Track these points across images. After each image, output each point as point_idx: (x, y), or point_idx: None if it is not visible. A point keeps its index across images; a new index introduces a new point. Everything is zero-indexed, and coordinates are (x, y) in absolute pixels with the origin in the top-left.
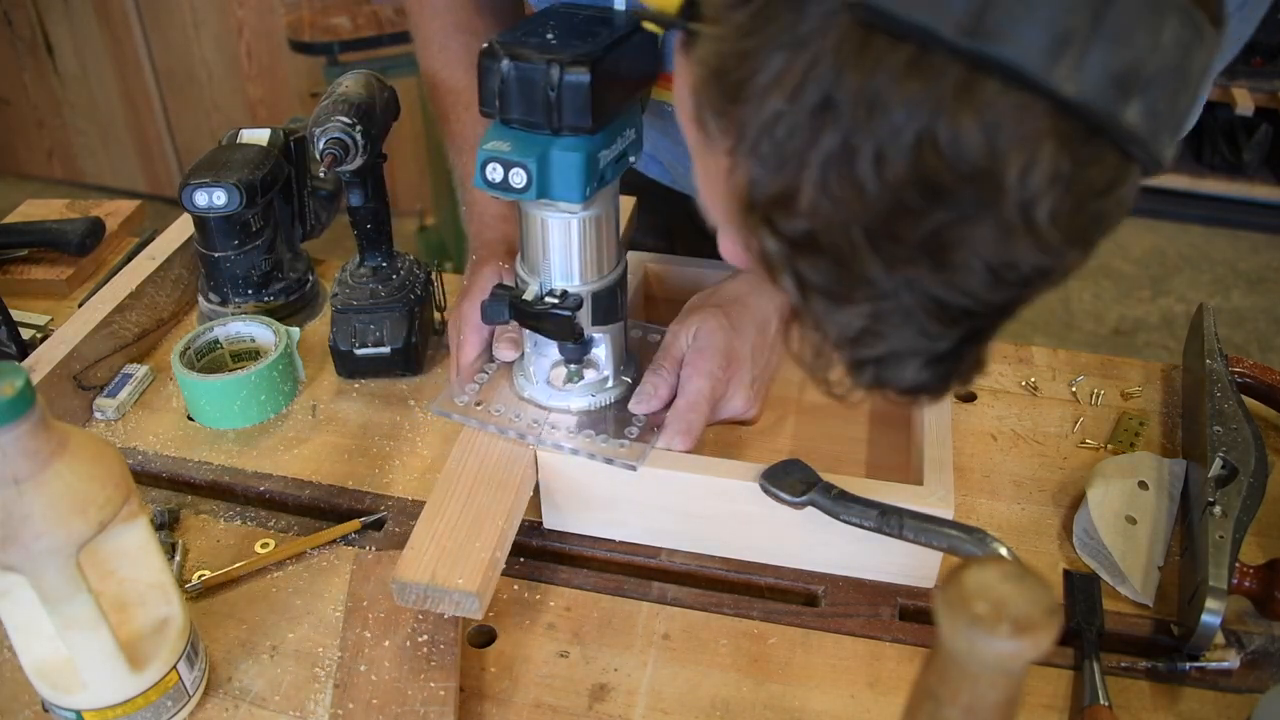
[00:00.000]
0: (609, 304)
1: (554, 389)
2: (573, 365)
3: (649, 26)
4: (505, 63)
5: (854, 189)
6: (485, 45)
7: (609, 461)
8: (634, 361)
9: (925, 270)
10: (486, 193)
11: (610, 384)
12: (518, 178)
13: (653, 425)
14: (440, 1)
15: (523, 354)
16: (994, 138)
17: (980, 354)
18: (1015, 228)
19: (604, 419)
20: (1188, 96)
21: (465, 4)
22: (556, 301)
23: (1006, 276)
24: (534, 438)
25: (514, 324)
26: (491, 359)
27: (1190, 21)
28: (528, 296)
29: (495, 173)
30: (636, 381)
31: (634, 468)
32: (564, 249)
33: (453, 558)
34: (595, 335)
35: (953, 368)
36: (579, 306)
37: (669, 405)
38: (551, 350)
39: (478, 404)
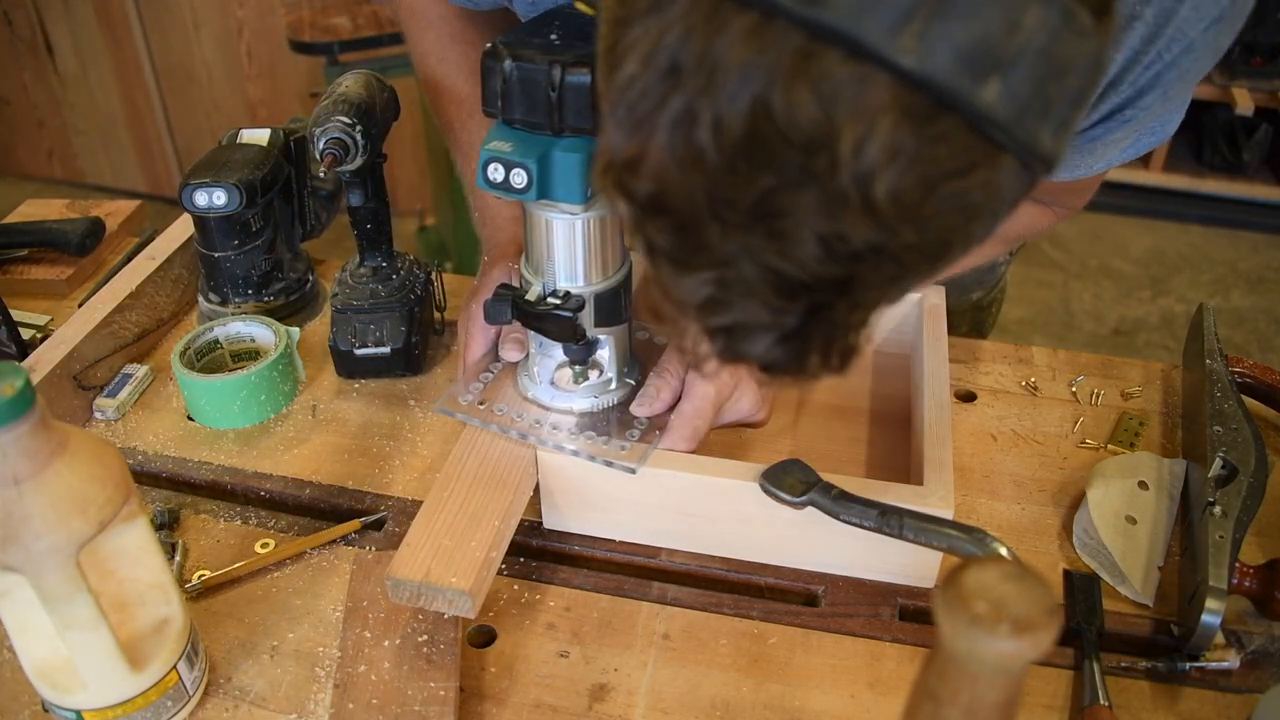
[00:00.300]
0: (612, 305)
1: (557, 390)
2: (578, 366)
3: (581, 7)
4: (508, 63)
5: (694, 153)
6: (489, 45)
7: (609, 464)
8: (638, 363)
9: (760, 239)
10: (488, 193)
11: (614, 386)
12: (519, 178)
13: (655, 428)
14: (434, 13)
15: (528, 354)
16: (829, 108)
17: (842, 337)
18: (849, 199)
19: (606, 421)
20: (1063, 86)
21: (459, 14)
22: (559, 302)
23: (837, 249)
24: (535, 438)
25: (519, 324)
26: (498, 358)
27: (1059, 7)
28: (530, 297)
29: (496, 173)
30: (640, 384)
31: (634, 470)
32: (567, 249)
33: (448, 556)
34: (600, 336)
35: (805, 346)
36: (581, 308)
37: (672, 408)
38: (556, 351)
39: (481, 403)
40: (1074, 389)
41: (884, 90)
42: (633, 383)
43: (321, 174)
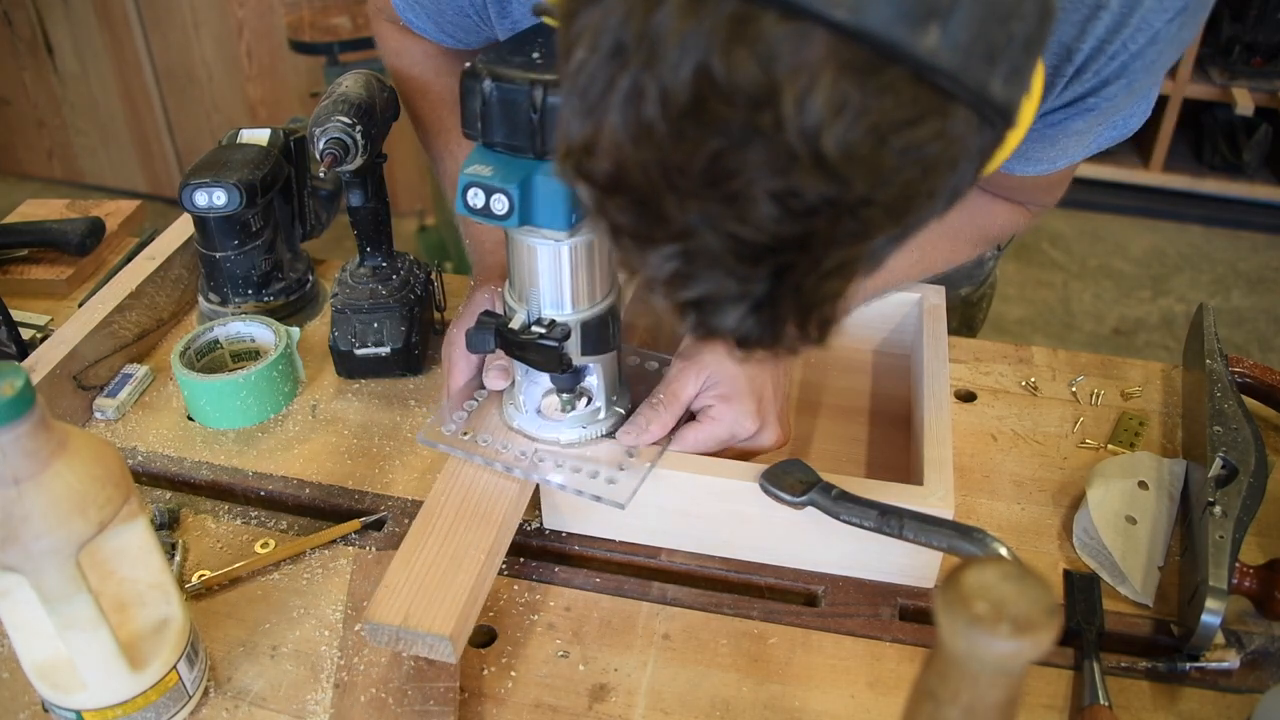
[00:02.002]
0: (600, 333)
1: (543, 419)
2: (565, 395)
3: (548, 21)
4: (487, 83)
5: (645, 127)
6: (468, 65)
7: (596, 499)
8: (628, 390)
9: (716, 204)
10: (469, 218)
11: (602, 414)
12: (499, 204)
13: (645, 460)
14: (417, 50)
15: (513, 382)
16: (769, 66)
17: (817, 306)
18: (797, 154)
19: (594, 451)
20: (1008, 30)
21: (444, 51)
22: (543, 331)
23: (792, 206)
24: (521, 470)
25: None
26: (482, 386)
27: None
28: (514, 325)
29: (476, 198)
30: (630, 411)
31: (622, 506)
32: (552, 276)
33: (428, 598)
34: (587, 364)
35: (777, 315)
36: (566, 337)
37: (660, 440)
38: (543, 379)
39: (465, 434)
40: (1074, 389)
41: (822, 45)
42: (622, 411)
43: (321, 174)
